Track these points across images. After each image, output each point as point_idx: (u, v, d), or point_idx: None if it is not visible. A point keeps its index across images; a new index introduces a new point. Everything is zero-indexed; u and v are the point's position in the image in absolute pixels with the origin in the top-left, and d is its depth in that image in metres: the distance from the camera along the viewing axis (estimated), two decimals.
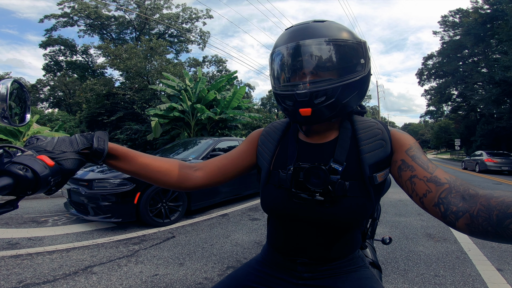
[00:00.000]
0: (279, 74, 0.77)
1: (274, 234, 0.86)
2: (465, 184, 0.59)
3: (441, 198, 0.60)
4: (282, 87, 0.75)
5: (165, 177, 0.79)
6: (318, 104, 0.70)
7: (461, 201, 0.56)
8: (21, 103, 0.68)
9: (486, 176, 12.87)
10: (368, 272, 0.82)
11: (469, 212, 0.53)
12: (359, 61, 0.73)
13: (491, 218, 0.49)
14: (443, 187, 0.60)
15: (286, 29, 0.78)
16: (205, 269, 2.66)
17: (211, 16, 29.47)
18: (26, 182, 0.52)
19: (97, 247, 3.16)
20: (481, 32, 24.94)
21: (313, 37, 0.70)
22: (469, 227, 0.54)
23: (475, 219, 0.52)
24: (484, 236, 0.52)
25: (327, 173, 0.69)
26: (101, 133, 0.70)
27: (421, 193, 0.64)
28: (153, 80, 21.33)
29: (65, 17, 28.31)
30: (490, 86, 23.48)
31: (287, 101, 0.73)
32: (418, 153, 0.70)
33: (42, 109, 35.97)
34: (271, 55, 0.78)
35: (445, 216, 0.58)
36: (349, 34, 0.73)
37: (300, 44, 0.71)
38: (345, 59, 0.72)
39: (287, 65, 0.75)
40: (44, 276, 2.42)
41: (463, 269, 2.68)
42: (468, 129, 34.17)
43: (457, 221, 0.55)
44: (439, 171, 0.64)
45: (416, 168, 0.67)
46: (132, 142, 18.90)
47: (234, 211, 5.17)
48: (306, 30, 0.72)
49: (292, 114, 0.75)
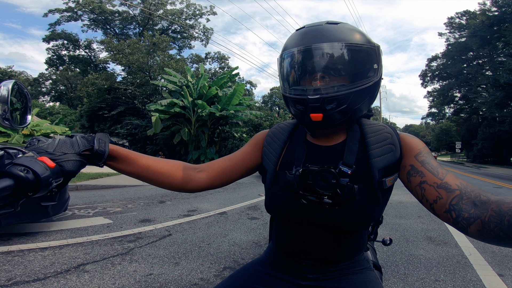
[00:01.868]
0: (290, 77, 0.76)
1: (279, 235, 0.86)
2: (477, 190, 0.58)
3: (452, 204, 0.59)
4: (293, 91, 0.74)
5: (168, 179, 0.78)
6: (329, 110, 0.69)
7: (473, 208, 0.56)
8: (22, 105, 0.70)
9: (486, 180, 12.82)
10: (372, 274, 0.82)
11: (481, 218, 0.53)
12: (372, 66, 0.72)
13: (503, 223, 0.49)
14: (454, 193, 0.60)
15: (297, 29, 0.77)
16: (201, 269, 2.61)
17: (215, 12, 29.46)
18: (27, 183, 0.52)
19: (91, 244, 3.12)
20: (487, 34, 24.88)
21: (327, 41, 0.69)
22: (481, 233, 0.53)
23: (487, 225, 0.52)
24: (497, 241, 0.51)
25: (338, 177, 0.67)
26: (102, 135, 0.70)
27: (432, 200, 0.63)
28: (155, 75, 21.33)
29: (69, 12, 28.41)
30: (494, 89, 23.38)
31: (298, 105, 0.73)
32: (428, 158, 0.69)
33: (44, 103, 36.07)
34: (281, 55, 0.77)
35: (456, 222, 0.58)
36: (364, 37, 0.72)
37: (313, 47, 0.69)
38: (359, 64, 0.71)
39: (299, 68, 0.74)
40: (34, 274, 2.37)
41: (464, 274, 2.64)
42: (469, 132, 34.12)
43: (469, 227, 0.55)
44: (450, 177, 0.63)
45: (425, 174, 0.66)
46: (132, 136, 18.94)
47: (233, 209, 5.13)
48: (320, 32, 0.70)
49: (302, 118, 0.74)
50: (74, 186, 6.68)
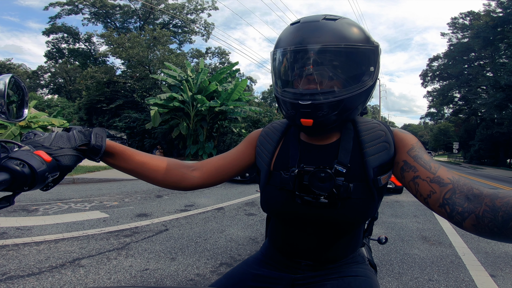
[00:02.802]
0: (282, 76, 0.74)
1: (275, 234, 0.86)
2: (469, 183, 0.58)
3: (445, 199, 0.59)
4: (285, 93, 0.71)
5: (163, 176, 0.78)
6: (320, 116, 0.68)
7: (466, 201, 0.56)
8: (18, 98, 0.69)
9: (482, 180, 12.89)
10: (368, 271, 0.82)
11: (475, 213, 0.53)
12: (368, 69, 0.69)
13: (497, 219, 0.50)
14: (447, 187, 0.60)
15: (293, 23, 0.72)
16: (197, 264, 2.62)
17: (216, 7, 29.20)
18: (23, 177, 0.52)
19: (87, 238, 3.12)
20: (490, 35, 24.83)
21: (322, 41, 0.65)
22: (475, 227, 0.54)
23: (481, 220, 0.52)
24: (491, 236, 0.52)
25: (334, 177, 0.67)
26: (99, 130, 0.69)
27: (425, 194, 0.63)
28: (154, 69, 21.21)
29: (70, 5, 28.17)
30: (494, 91, 23.41)
31: (289, 108, 0.71)
32: (420, 152, 0.69)
33: (42, 95, 35.87)
34: (274, 52, 0.74)
35: (451, 217, 0.58)
36: (363, 35, 0.68)
37: (307, 48, 0.66)
38: (355, 67, 0.68)
39: (291, 69, 0.71)
40: (29, 268, 2.36)
41: (457, 274, 2.66)
42: (467, 133, 34.22)
43: (464, 222, 0.56)
44: (442, 170, 0.64)
45: (418, 169, 0.66)
46: (130, 130, 18.88)
47: (230, 205, 5.14)
48: (316, 30, 0.66)
49: (293, 120, 0.72)
50: (71, 179, 6.67)
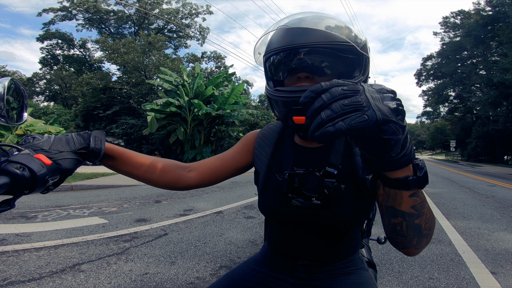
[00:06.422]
0: (273, 76, 0.76)
1: (273, 235, 0.87)
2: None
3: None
4: (276, 92, 0.71)
5: (160, 177, 0.79)
6: None
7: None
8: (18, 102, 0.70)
9: (481, 178, 12.95)
10: (366, 275, 0.82)
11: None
12: (359, 65, 0.70)
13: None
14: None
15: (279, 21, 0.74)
16: (197, 268, 2.61)
17: (211, 12, 29.33)
18: (23, 181, 0.52)
19: (86, 244, 3.10)
20: (481, 34, 25.12)
21: (310, 40, 0.66)
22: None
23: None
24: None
25: (321, 179, 0.69)
26: (98, 133, 0.69)
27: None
28: (150, 75, 21.22)
29: (63, 11, 28.12)
30: (488, 88, 23.63)
31: (281, 107, 0.71)
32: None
33: (38, 103, 35.70)
34: (264, 54, 0.75)
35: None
36: (350, 33, 0.69)
37: (296, 46, 0.67)
38: (344, 64, 0.70)
39: (281, 68, 0.72)
40: (29, 274, 2.35)
41: (457, 272, 2.66)
42: (464, 131, 34.44)
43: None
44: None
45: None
46: (127, 136, 18.83)
47: (229, 208, 5.13)
48: (303, 30, 0.68)
49: (285, 120, 0.73)
50: (69, 186, 6.62)
